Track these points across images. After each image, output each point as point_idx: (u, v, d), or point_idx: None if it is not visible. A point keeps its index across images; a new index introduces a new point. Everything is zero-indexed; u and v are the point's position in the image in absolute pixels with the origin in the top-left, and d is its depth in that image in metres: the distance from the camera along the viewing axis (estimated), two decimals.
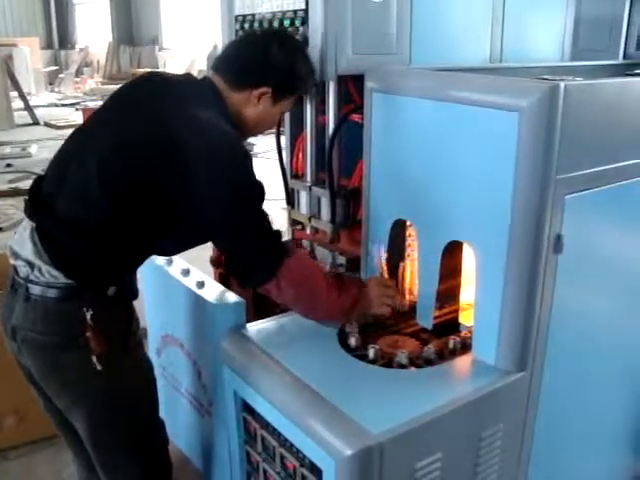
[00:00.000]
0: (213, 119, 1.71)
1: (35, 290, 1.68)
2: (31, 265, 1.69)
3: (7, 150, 9.63)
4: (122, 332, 1.78)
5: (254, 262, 1.76)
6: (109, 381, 1.76)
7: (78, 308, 1.67)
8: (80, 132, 1.85)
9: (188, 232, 1.77)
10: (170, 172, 1.64)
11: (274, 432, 1.73)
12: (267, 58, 1.81)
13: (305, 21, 2.02)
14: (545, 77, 1.68)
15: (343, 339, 1.87)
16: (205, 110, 1.71)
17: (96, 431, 1.85)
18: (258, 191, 1.73)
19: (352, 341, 1.84)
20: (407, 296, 2.11)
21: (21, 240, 1.72)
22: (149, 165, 1.65)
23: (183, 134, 1.64)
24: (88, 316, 1.67)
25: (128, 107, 1.80)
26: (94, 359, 1.70)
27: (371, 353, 1.77)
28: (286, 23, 2.09)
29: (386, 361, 1.77)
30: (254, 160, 1.77)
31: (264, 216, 1.74)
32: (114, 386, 1.78)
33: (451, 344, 1.83)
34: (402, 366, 1.74)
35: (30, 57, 16.50)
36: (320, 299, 1.85)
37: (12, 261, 1.75)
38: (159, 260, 2.26)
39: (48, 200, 1.74)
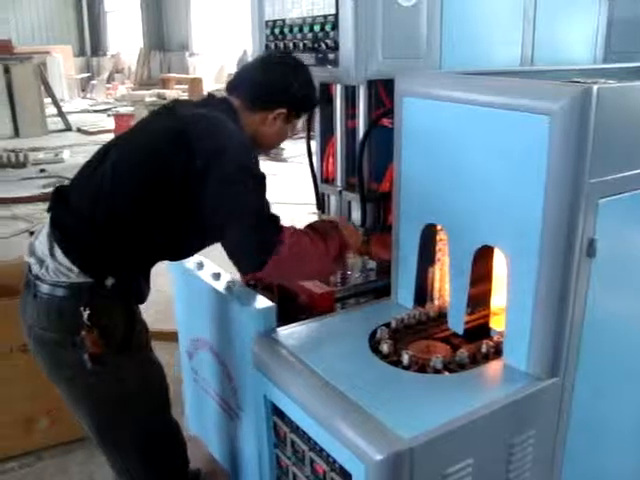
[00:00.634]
0: (226, 120, 1.85)
1: (42, 288, 1.79)
2: (41, 263, 1.79)
3: (41, 156, 9.79)
4: (121, 334, 1.83)
5: (254, 246, 1.76)
6: (106, 381, 1.83)
7: (76, 307, 1.75)
8: (107, 143, 1.98)
9: (192, 227, 1.83)
10: (180, 159, 1.74)
11: (304, 436, 1.73)
12: (286, 83, 1.95)
13: (335, 26, 2.03)
14: (577, 80, 1.66)
15: (374, 343, 1.86)
16: (220, 115, 1.87)
17: (99, 431, 1.93)
18: (263, 179, 1.80)
19: (383, 346, 1.83)
20: (436, 301, 2.10)
21: (40, 236, 1.84)
22: (162, 153, 1.78)
23: (196, 125, 1.79)
24: (85, 315, 1.74)
25: (152, 117, 2.00)
26: (85, 357, 1.76)
27: (405, 359, 1.76)
28: (316, 28, 2.11)
29: (417, 366, 1.76)
30: (284, 165, 1.84)
31: (266, 202, 1.80)
32: (112, 386, 1.85)
33: (484, 348, 1.82)
34: (434, 371, 1.73)
35: (63, 65, 16.78)
36: (312, 264, 1.87)
37: (27, 258, 1.85)
38: (189, 264, 2.29)
39: (67, 196, 1.88)
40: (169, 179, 1.77)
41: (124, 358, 1.85)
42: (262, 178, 1.79)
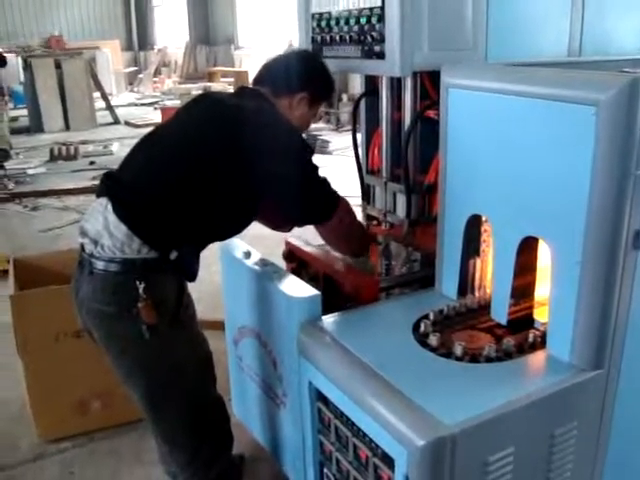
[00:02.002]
0: (270, 107, 2.09)
1: (98, 265, 1.88)
2: (95, 242, 1.89)
3: (90, 148, 10.02)
4: (172, 306, 1.93)
5: (319, 203, 2.07)
6: (159, 351, 1.92)
7: (132, 281, 1.84)
8: (149, 134, 2.12)
9: (243, 204, 2.03)
10: (235, 144, 1.92)
11: (347, 422, 1.76)
12: (306, 70, 2.18)
13: (381, 18, 2.04)
14: (626, 70, 1.65)
15: (417, 332, 1.89)
16: (262, 103, 2.09)
17: (148, 400, 2.02)
18: (312, 151, 2.09)
19: (427, 335, 1.85)
20: (480, 292, 2.11)
21: (92, 218, 1.93)
22: (216, 139, 1.95)
23: (248, 113, 1.98)
24: (141, 288, 1.83)
25: (195, 107, 2.12)
26: (144, 328, 1.86)
27: (458, 349, 1.77)
28: (362, 20, 2.12)
29: (460, 355, 1.77)
30: (330, 158, 2.03)
31: (316, 165, 2.05)
32: (164, 356, 1.94)
33: (527, 339, 1.82)
34: (481, 360, 1.75)
35: (112, 59, 17.08)
36: (358, 232, 2.30)
37: (80, 239, 1.95)
38: (237, 253, 2.34)
39: (118, 178, 2.01)
40: (220, 162, 1.92)
41: (175, 330, 1.94)
42: (312, 151, 2.08)
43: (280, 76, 2.15)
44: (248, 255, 2.31)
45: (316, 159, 2.06)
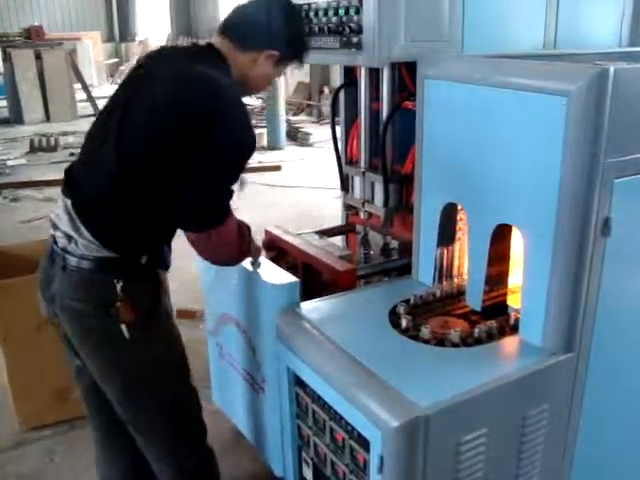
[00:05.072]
0: (220, 77, 1.80)
1: (72, 261, 1.82)
2: (69, 237, 1.82)
3: (70, 140, 9.96)
4: (150, 303, 1.90)
5: (209, 211, 1.80)
6: (137, 348, 1.88)
7: (109, 279, 1.80)
8: (100, 115, 1.95)
9: None
10: (181, 127, 1.72)
11: (324, 405, 1.80)
12: (282, 25, 1.92)
13: (359, 10, 2.07)
14: (598, 63, 1.69)
15: (393, 318, 1.92)
16: (212, 69, 1.81)
17: (125, 397, 1.99)
18: (249, 152, 1.82)
19: (402, 320, 1.89)
20: (456, 279, 2.15)
21: (58, 216, 1.86)
22: (161, 125, 1.75)
23: (194, 91, 1.75)
24: (118, 287, 1.79)
25: (143, 78, 1.88)
26: (123, 327, 1.82)
27: (424, 333, 1.82)
28: (341, 12, 2.15)
29: (435, 340, 1.81)
30: (311, 150, 1.86)
31: (236, 179, 1.82)
32: (142, 353, 1.90)
33: (501, 325, 1.86)
34: (452, 345, 1.79)
35: (92, 50, 16.93)
36: (232, 255, 1.96)
37: (51, 231, 1.89)
38: None
39: (78, 179, 1.87)
40: (173, 150, 1.75)
41: (151, 325, 1.91)
42: (246, 157, 1.83)
43: (249, 28, 1.92)
44: None
45: (297, 154, 1.99)
